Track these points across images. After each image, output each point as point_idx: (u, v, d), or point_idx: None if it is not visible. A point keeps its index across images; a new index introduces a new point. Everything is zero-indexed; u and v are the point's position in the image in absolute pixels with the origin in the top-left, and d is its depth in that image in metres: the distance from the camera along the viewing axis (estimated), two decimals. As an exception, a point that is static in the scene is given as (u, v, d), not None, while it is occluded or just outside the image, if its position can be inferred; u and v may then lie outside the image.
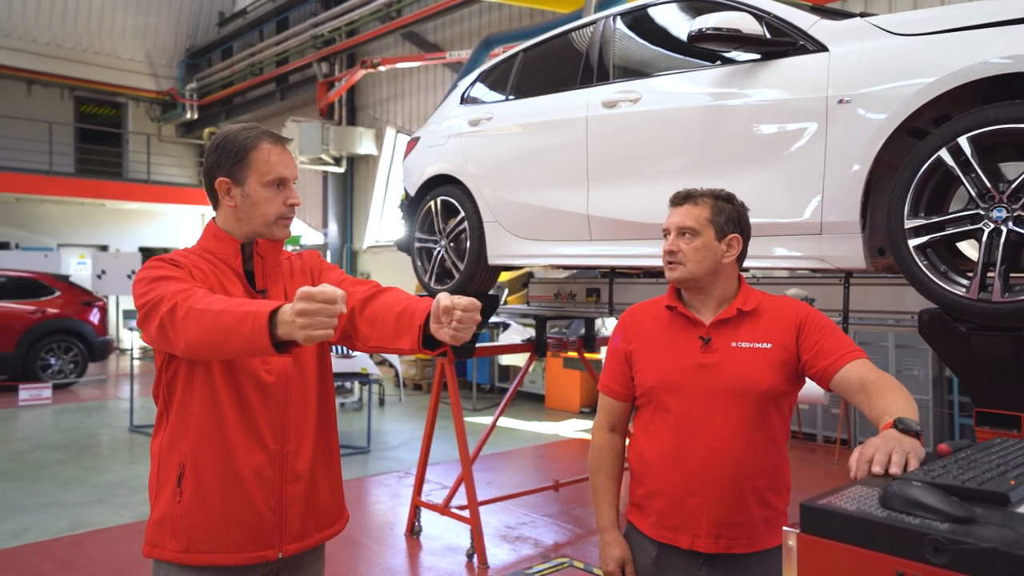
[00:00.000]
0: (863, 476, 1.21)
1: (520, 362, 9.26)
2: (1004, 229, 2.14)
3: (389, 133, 13.49)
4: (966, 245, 2.55)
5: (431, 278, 4.29)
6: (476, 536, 4.36)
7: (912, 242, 2.32)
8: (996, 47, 2.17)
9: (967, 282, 2.22)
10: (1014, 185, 2.13)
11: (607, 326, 6.18)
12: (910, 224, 2.32)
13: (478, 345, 4.73)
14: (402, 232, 4.62)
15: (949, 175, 2.26)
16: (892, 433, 1.33)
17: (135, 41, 17.63)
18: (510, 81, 4.08)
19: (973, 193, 2.21)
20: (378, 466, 6.56)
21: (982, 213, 2.19)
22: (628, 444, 2.02)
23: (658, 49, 3.42)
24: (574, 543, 4.70)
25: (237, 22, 17.17)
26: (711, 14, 2.75)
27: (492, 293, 4.48)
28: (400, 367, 10.26)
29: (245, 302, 1.49)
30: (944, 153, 2.24)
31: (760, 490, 1.81)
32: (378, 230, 13.98)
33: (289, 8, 15.28)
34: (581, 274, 4.60)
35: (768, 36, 2.75)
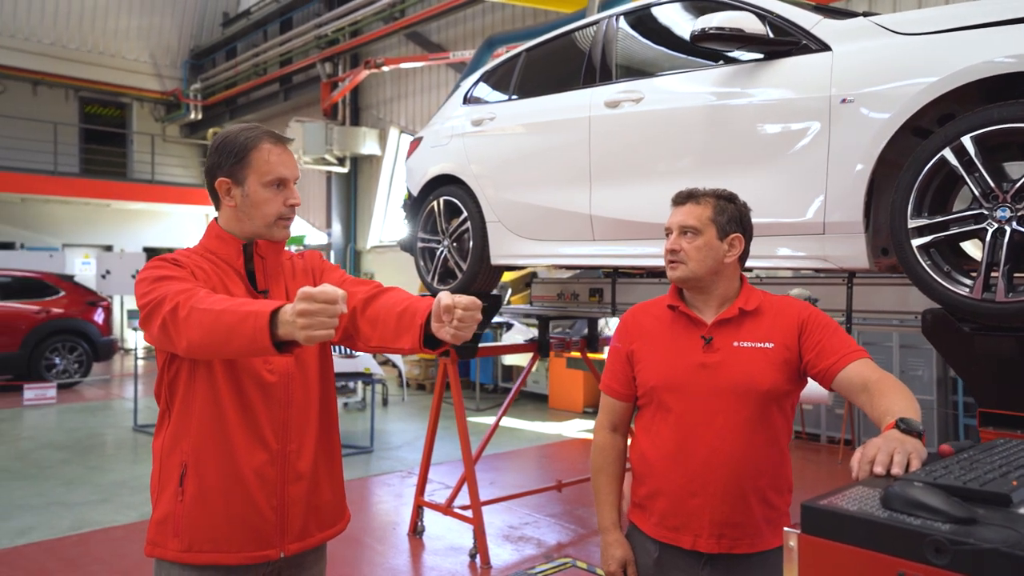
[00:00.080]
0: (865, 476, 1.21)
1: (523, 362, 9.27)
2: (1008, 229, 2.13)
3: (393, 133, 13.50)
4: (970, 245, 2.54)
5: (434, 278, 4.29)
6: (479, 536, 4.36)
7: (915, 242, 2.31)
8: (1000, 46, 2.16)
9: (971, 282, 2.22)
10: (1018, 185, 2.12)
11: (610, 326, 6.17)
12: (913, 224, 2.31)
13: (481, 345, 4.74)
14: (405, 232, 4.63)
15: (953, 175, 2.26)
16: (894, 434, 1.32)
17: (139, 42, 17.68)
18: (513, 81, 4.08)
19: (977, 193, 2.20)
20: (381, 466, 6.57)
21: (986, 213, 2.18)
22: (630, 444, 2.01)
23: (661, 49, 3.42)
24: (577, 543, 4.70)
25: (241, 22, 17.20)
26: (714, 13, 2.74)
27: (495, 293, 4.48)
28: (403, 367, 10.26)
29: (247, 302, 1.49)
30: (948, 152, 2.23)
31: (762, 490, 1.81)
32: (382, 230, 13.99)
33: (293, 8, 15.31)
34: (584, 274, 4.60)
35: (771, 35, 2.75)
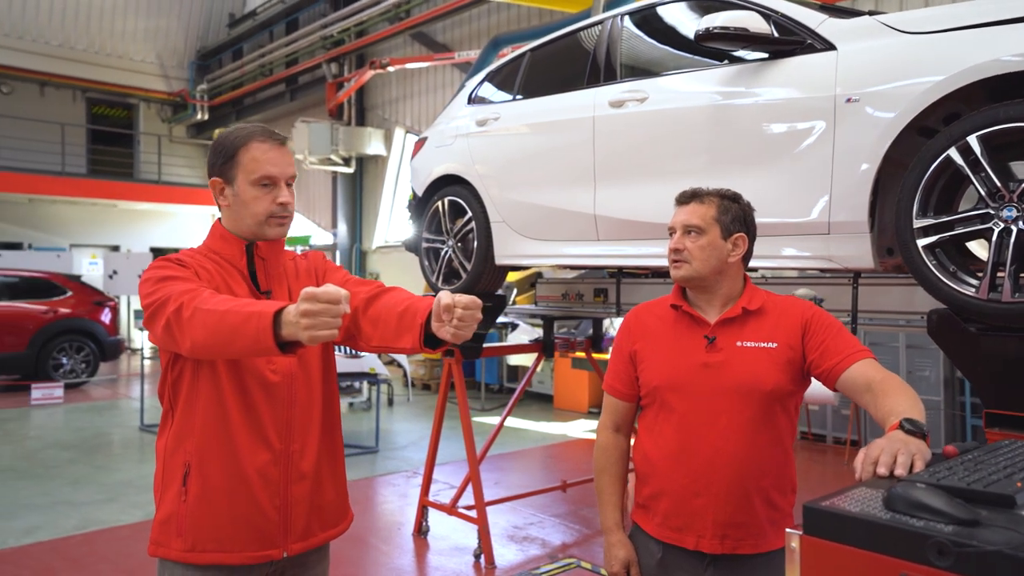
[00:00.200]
0: (868, 477, 1.20)
1: (528, 362, 9.27)
2: (1014, 228, 2.12)
3: (398, 133, 13.50)
4: (976, 245, 2.53)
5: (438, 278, 4.29)
6: (483, 536, 4.35)
7: (921, 242, 2.30)
8: (1006, 45, 2.15)
9: (977, 282, 2.21)
10: (1024, 184, 2.11)
11: (615, 326, 6.16)
12: (919, 224, 2.30)
13: (486, 345, 4.74)
14: (410, 232, 4.63)
15: (958, 174, 2.25)
16: (898, 434, 1.32)
17: (146, 43, 17.75)
18: (517, 81, 4.08)
19: (983, 192, 2.19)
20: (386, 466, 6.58)
21: (992, 212, 2.17)
22: (633, 444, 2.01)
23: (665, 48, 3.41)
24: (582, 543, 4.69)
25: (247, 23, 17.24)
26: (718, 13, 2.73)
27: (499, 293, 4.48)
28: (408, 367, 10.26)
29: (250, 302, 1.49)
30: (953, 152, 2.22)
31: (766, 490, 1.80)
32: (387, 230, 14.00)
33: (299, 9, 15.33)
34: (589, 274, 4.59)
35: (776, 35, 2.74)
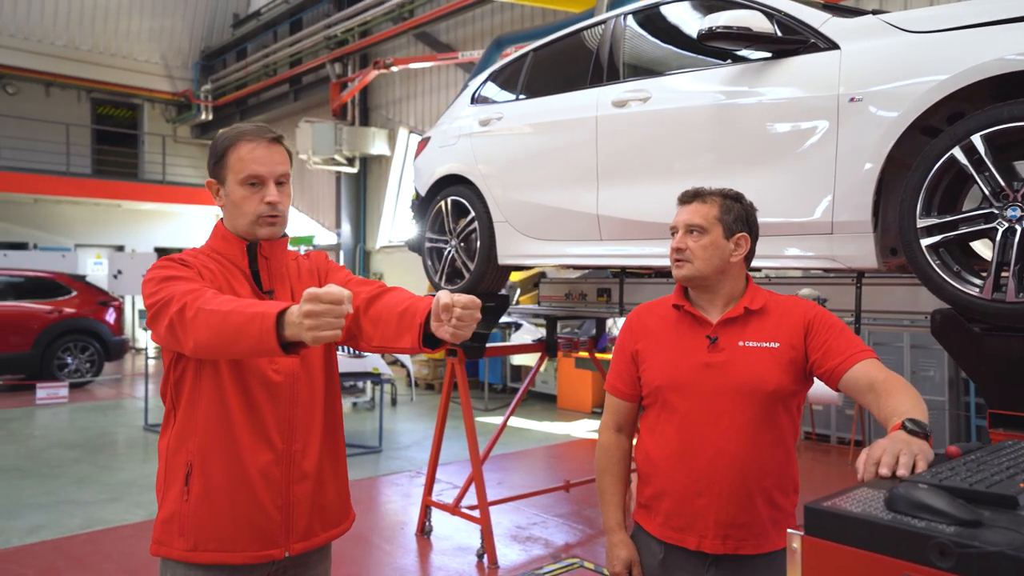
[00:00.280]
0: (870, 478, 1.19)
1: (532, 362, 9.26)
2: (1018, 228, 2.11)
3: (402, 133, 13.52)
4: (979, 244, 2.52)
5: (442, 278, 4.29)
6: (486, 536, 4.35)
7: (924, 241, 2.29)
8: (1011, 44, 2.14)
9: (981, 282, 2.20)
10: (1029, 183, 2.10)
11: (618, 326, 6.16)
12: (922, 223, 2.29)
13: (489, 345, 4.74)
14: (413, 232, 4.63)
15: (962, 174, 2.24)
16: (900, 435, 1.31)
17: (151, 43, 17.79)
18: (520, 81, 4.08)
19: (987, 192, 2.18)
20: (390, 465, 6.58)
21: (996, 212, 2.16)
22: (635, 444, 2.01)
23: (668, 47, 3.41)
24: (585, 544, 4.69)
25: (251, 23, 17.28)
26: (721, 12, 2.73)
27: (502, 293, 4.48)
28: (412, 367, 10.27)
29: (253, 303, 1.49)
30: (957, 151, 2.21)
31: (768, 490, 1.79)
32: (391, 230, 14.02)
33: (303, 9, 15.36)
34: (592, 274, 4.59)
35: (779, 34, 2.73)
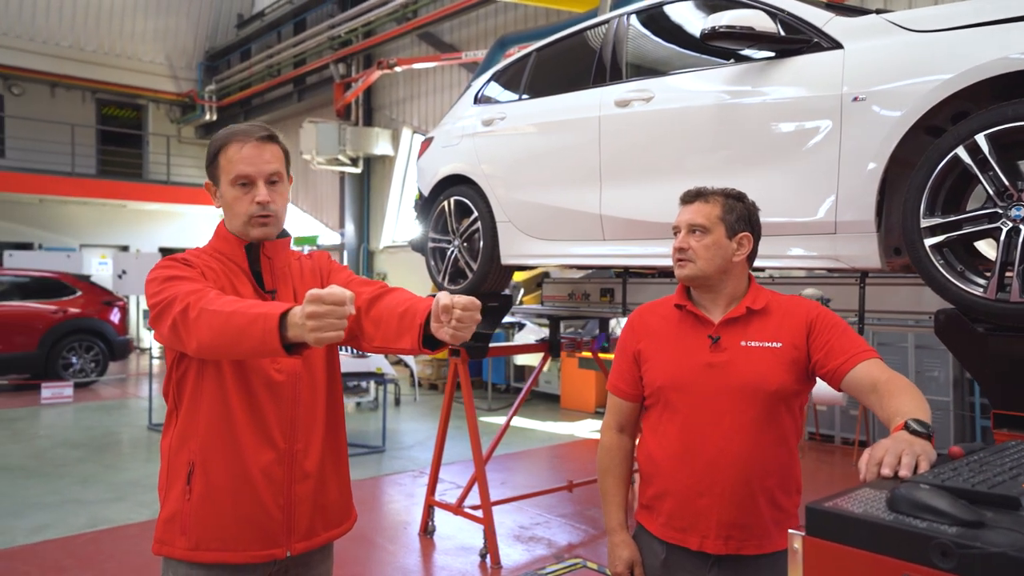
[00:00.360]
0: (872, 478, 1.19)
1: (535, 362, 9.26)
2: (1022, 228, 2.10)
3: (405, 133, 13.52)
4: (984, 244, 2.51)
5: (445, 278, 4.29)
6: (489, 536, 4.35)
7: (928, 241, 2.28)
8: (1015, 43, 2.13)
9: (984, 282, 2.19)
10: (1033, 183, 2.09)
11: (621, 326, 6.15)
12: (926, 223, 2.28)
13: (492, 345, 4.74)
14: (417, 232, 4.64)
15: (966, 173, 2.23)
16: (903, 435, 1.31)
17: (155, 44, 17.84)
18: (523, 80, 4.08)
19: (991, 191, 2.17)
20: (393, 465, 6.59)
21: (1000, 212, 2.15)
22: (637, 444, 2.00)
23: (671, 47, 3.40)
24: (588, 544, 4.69)
25: (255, 24, 17.31)
26: (724, 12, 2.73)
27: (505, 293, 4.48)
28: (415, 367, 10.27)
29: (256, 304, 1.49)
30: (961, 151, 2.20)
31: (770, 491, 1.79)
32: (395, 230, 14.03)
33: (307, 10, 15.38)
34: (596, 274, 4.58)
35: (782, 33, 2.72)
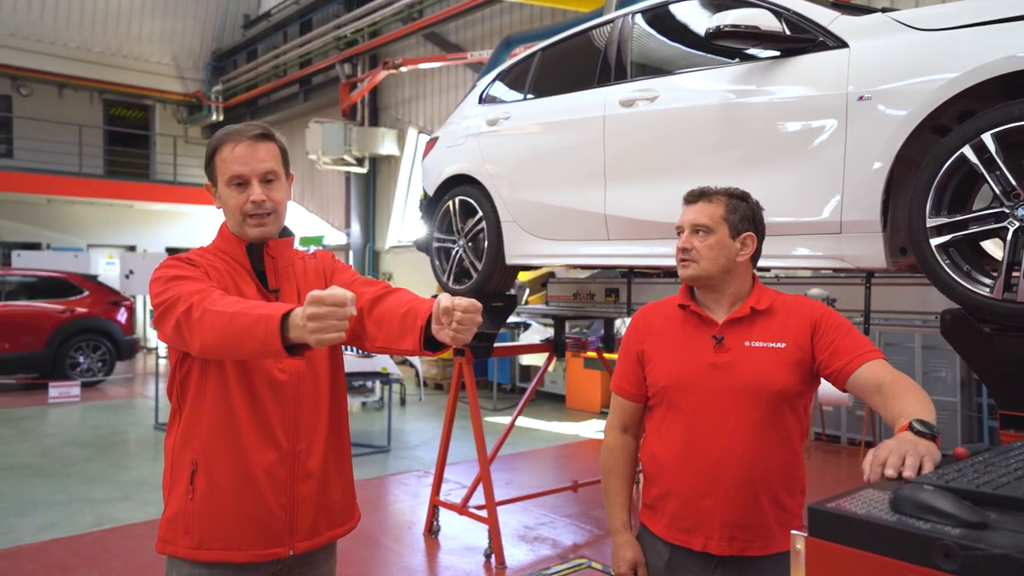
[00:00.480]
0: (876, 479, 1.18)
1: (540, 362, 9.25)
2: (1029, 228, 2.09)
3: (411, 133, 13.53)
4: (990, 244, 2.50)
5: (449, 278, 4.29)
6: (494, 536, 4.35)
7: (934, 241, 2.27)
8: (1022, 41, 2.12)
9: (991, 282, 2.18)
10: (1040, 182, 2.08)
11: (626, 326, 6.14)
12: (932, 223, 2.27)
13: (497, 345, 4.73)
14: (422, 232, 4.64)
15: (972, 173, 2.22)
16: (907, 436, 1.30)
17: (162, 45, 17.91)
18: (528, 80, 4.07)
19: (997, 191, 2.16)
20: (398, 465, 6.59)
21: (1007, 211, 2.14)
22: (641, 445, 2.00)
23: (676, 47, 3.39)
24: (593, 544, 4.68)
25: (262, 24, 17.36)
26: (729, 11, 2.72)
27: (510, 293, 4.48)
28: (421, 367, 10.28)
29: (259, 305, 1.49)
30: (967, 150, 2.19)
31: (774, 491, 1.78)
32: (400, 230, 14.04)
33: (313, 10, 15.41)
34: (600, 274, 4.58)
35: (787, 33, 2.71)
